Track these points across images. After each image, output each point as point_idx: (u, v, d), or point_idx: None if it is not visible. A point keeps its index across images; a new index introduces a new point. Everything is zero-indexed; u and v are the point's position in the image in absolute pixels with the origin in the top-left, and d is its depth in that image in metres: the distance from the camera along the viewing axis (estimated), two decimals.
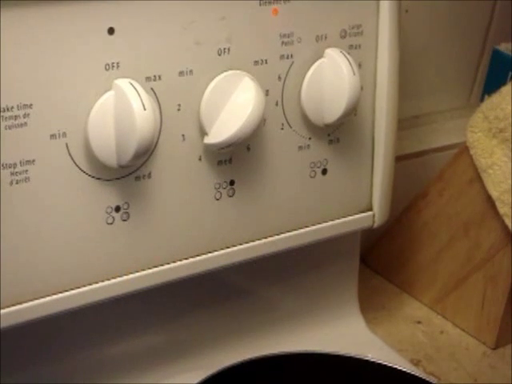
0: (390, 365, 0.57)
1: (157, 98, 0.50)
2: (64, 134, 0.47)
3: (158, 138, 0.50)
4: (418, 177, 0.76)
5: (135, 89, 0.47)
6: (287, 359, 0.57)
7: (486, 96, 0.69)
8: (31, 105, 0.45)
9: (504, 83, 0.68)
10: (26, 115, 0.45)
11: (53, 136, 0.47)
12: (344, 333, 0.67)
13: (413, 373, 0.57)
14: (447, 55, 0.82)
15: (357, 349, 0.59)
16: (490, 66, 0.79)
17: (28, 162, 0.46)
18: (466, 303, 0.71)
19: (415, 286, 0.74)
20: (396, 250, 0.75)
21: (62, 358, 0.56)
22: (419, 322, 0.72)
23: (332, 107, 0.55)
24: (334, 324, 0.67)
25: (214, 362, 0.56)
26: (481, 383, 0.65)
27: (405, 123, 0.78)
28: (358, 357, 0.57)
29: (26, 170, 0.46)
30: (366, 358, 0.57)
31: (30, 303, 0.48)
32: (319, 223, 0.59)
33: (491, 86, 0.73)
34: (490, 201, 0.67)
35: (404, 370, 0.57)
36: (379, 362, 0.57)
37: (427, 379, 0.57)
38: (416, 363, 0.67)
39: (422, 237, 0.73)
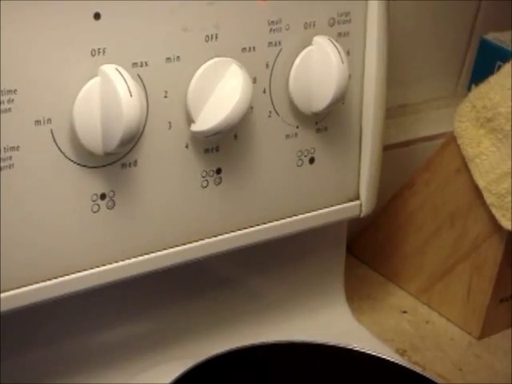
0: (376, 354, 0.57)
1: (143, 84, 0.49)
2: (49, 121, 0.46)
3: (145, 126, 0.50)
4: (404, 166, 0.75)
5: (121, 75, 0.46)
6: (272, 348, 0.56)
7: (474, 86, 0.69)
8: (15, 90, 0.45)
9: (491, 73, 0.67)
10: (10, 101, 0.45)
11: (37, 122, 0.46)
12: (330, 322, 0.67)
13: (398, 362, 0.57)
14: (434, 44, 0.82)
15: (342, 338, 0.59)
16: (478, 56, 0.79)
17: (12, 148, 0.45)
18: (451, 293, 0.71)
19: (401, 275, 0.74)
20: (382, 239, 0.75)
21: (47, 346, 0.55)
22: (405, 312, 0.72)
23: (320, 95, 0.55)
24: (319, 313, 0.67)
25: (199, 350, 0.56)
26: (466, 373, 0.66)
27: (391, 112, 0.78)
28: (343, 346, 0.57)
29: (10, 157, 0.45)
30: (352, 348, 0.57)
31: (15, 291, 0.48)
32: (306, 212, 0.59)
33: (478, 75, 0.73)
34: (476, 191, 0.66)
35: (390, 359, 0.57)
36: (364, 351, 0.57)
37: (412, 369, 0.57)
38: (401, 353, 0.67)
39: (409, 226, 0.73)
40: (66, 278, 0.50)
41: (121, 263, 0.52)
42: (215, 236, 0.55)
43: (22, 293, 0.48)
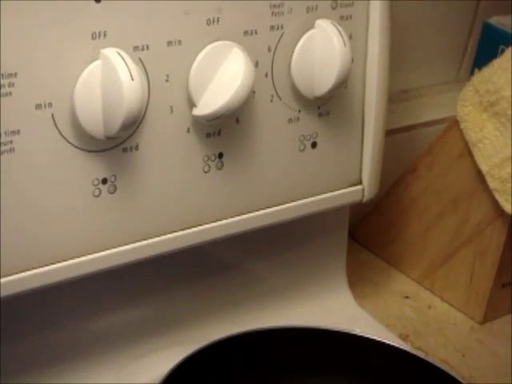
0: (379, 339, 0.57)
1: (144, 68, 0.49)
2: (50, 105, 0.46)
3: (146, 110, 0.49)
4: (406, 152, 0.75)
5: (123, 58, 0.46)
6: (274, 333, 0.56)
7: (476, 70, 0.68)
8: (16, 74, 0.44)
9: (494, 57, 0.67)
10: (10, 84, 0.44)
11: (38, 106, 0.46)
12: (332, 307, 0.66)
13: (401, 347, 0.57)
14: (437, 29, 0.81)
15: (345, 323, 0.59)
16: (481, 40, 0.79)
17: (13, 132, 0.45)
18: (454, 278, 0.71)
19: (403, 260, 0.74)
20: (384, 224, 0.75)
21: (47, 331, 0.55)
22: (407, 297, 0.72)
23: (322, 79, 0.54)
24: (322, 298, 0.67)
25: (200, 336, 0.56)
26: (468, 358, 0.66)
27: (393, 97, 0.77)
28: (346, 331, 0.57)
29: (11, 141, 0.45)
30: (355, 333, 0.57)
31: (15, 276, 0.47)
32: (309, 197, 0.59)
33: (481, 59, 0.73)
34: (479, 175, 0.66)
35: (393, 344, 0.57)
36: (367, 336, 0.57)
37: (416, 354, 0.57)
38: (404, 338, 0.67)
39: (411, 212, 0.73)
40: (67, 262, 0.49)
41: (122, 248, 0.51)
42: (217, 221, 0.55)
43: (23, 278, 0.48)
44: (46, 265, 0.49)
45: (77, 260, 0.50)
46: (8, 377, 0.53)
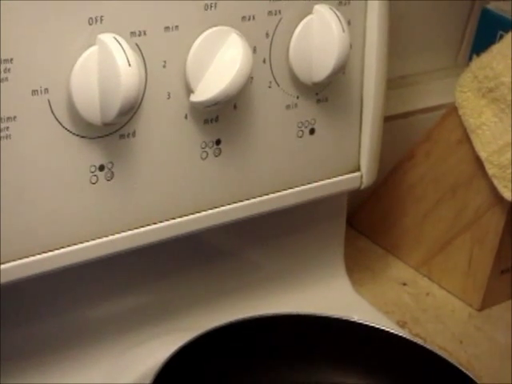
0: (377, 326, 0.57)
1: (141, 54, 0.48)
2: (46, 90, 0.46)
3: (143, 96, 0.49)
4: (403, 138, 0.75)
5: (120, 44, 0.45)
6: (273, 320, 0.56)
7: (475, 56, 0.68)
8: (12, 59, 0.44)
9: (493, 43, 0.67)
10: (6, 70, 0.44)
11: (34, 92, 0.45)
12: (330, 294, 0.66)
13: (399, 334, 0.57)
14: (435, 15, 0.81)
15: (343, 310, 0.59)
16: (479, 26, 0.78)
17: (9, 118, 0.45)
18: (452, 265, 0.70)
19: (401, 247, 0.74)
20: (382, 211, 0.75)
21: (47, 318, 0.55)
22: (405, 284, 0.72)
23: (320, 65, 0.54)
24: (319, 285, 0.66)
25: (198, 323, 0.56)
26: (466, 344, 0.66)
27: (391, 83, 0.77)
28: (344, 318, 0.57)
29: (7, 127, 0.45)
30: (353, 320, 0.57)
31: (13, 263, 0.47)
32: (307, 184, 0.59)
33: (480, 45, 0.72)
34: (478, 162, 0.66)
35: (391, 331, 0.57)
36: (366, 323, 0.57)
37: (414, 340, 0.57)
38: (402, 325, 0.67)
39: (409, 198, 0.73)
40: (65, 250, 0.49)
41: (119, 235, 0.51)
42: (214, 208, 0.55)
43: (21, 265, 0.47)
44: (44, 252, 0.48)
45: (74, 247, 0.49)
46: (7, 363, 0.53)
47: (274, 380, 0.56)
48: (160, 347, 0.54)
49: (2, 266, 0.47)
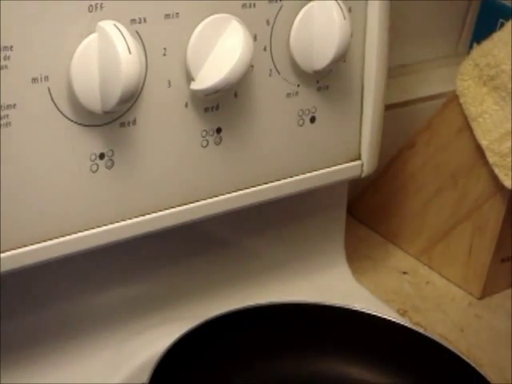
0: (378, 315, 0.57)
1: (142, 41, 0.48)
2: (46, 78, 0.45)
3: (144, 84, 0.49)
4: (404, 127, 0.75)
5: (120, 31, 0.45)
6: (273, 309, 0.56)
7: (475, 44, 0.68)
8: (11, 47, 0.44)
9: (493, 31, 0.67)
10: (6, 57, 0.44)
11: (34, 80, 0.45)
12: (330, 283, 0.66)
13: (400, 322, 0.57)
14: (435, 2, 0.80)
15: (343, 298, 0.59)
16: (480, 14, 0.78)
17: (9, 106, 0.45)
18: (452, 253, 0.70)
19: (401, 236, 0.74)
20: (382, 200, 0.75)
21: (44, 307, 0.55)
22: (405, 273, 0.72)
23: (321, 53, 0.54)
24: (320, 274, 0.66)
25: (198, 312, 0.56)
26: (467, 333, 0.66)
27: (391, 72, 0.76)
28: (345, 307, 0.57)
29: (7, 115, 0.45)
30: (353, 308, 0.57)
31: (12, 252, 0.47)
32: (307, 172, 0.59)
33: (480, 33, 0.72)
34: (479, 150, 0.66)
35: (392, 319, 0.57)
36: (367, 311, 0.57)
37: (414, 329, 0.57)
38: (402, 313, 0.67)
39: (409, 187, 0.73)
40: (65, 238, 0.49)
41: (120, 224, 0.51)
42: (215, 196, 0.55)
43: (21, 253, 0.47)
44: (44, 241, 0.48)
45: (74, 236, 0.49)
46: (7, 353, 0.53)
47: (273, 369, 0.56)
48: (160, 336, 0.54)
49: (2, 255, 0.47)
